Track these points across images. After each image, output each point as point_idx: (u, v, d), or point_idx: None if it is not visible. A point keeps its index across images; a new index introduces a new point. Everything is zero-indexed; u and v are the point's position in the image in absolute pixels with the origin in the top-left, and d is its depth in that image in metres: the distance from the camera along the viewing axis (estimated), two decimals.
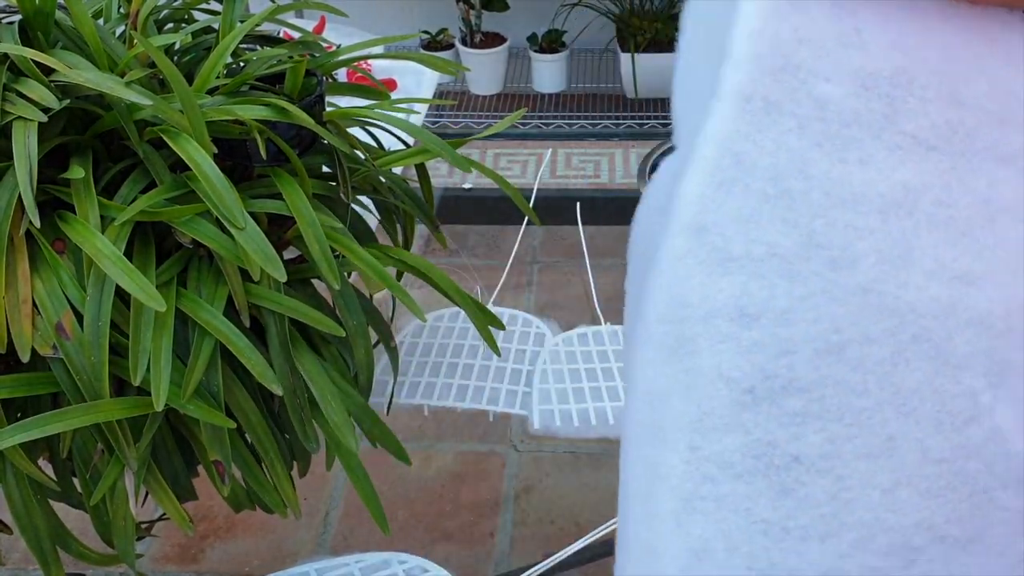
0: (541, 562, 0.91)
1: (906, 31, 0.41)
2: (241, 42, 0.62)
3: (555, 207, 1.69)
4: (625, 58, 2.08)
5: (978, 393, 0.40)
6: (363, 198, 0.66)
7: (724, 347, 0.39)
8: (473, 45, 2.20)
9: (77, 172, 0.50)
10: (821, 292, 0.39)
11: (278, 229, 0.58)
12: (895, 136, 0.41)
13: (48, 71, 0.51)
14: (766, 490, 0.40)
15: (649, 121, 2.07)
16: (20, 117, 0.48)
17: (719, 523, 0.40)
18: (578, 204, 1.40)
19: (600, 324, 0.94)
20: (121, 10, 0.62)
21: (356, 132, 0.67)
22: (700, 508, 0.40)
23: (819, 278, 0.39)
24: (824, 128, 0.40)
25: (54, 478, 0.55)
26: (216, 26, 0.65)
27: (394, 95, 0.79)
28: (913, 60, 0.41)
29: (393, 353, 0.66)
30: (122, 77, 0.52)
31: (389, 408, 0.76)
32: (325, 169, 0.63)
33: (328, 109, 0.61)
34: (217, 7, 0.64)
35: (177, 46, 0.64)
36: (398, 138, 0.69)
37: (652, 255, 0.44)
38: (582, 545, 0.89)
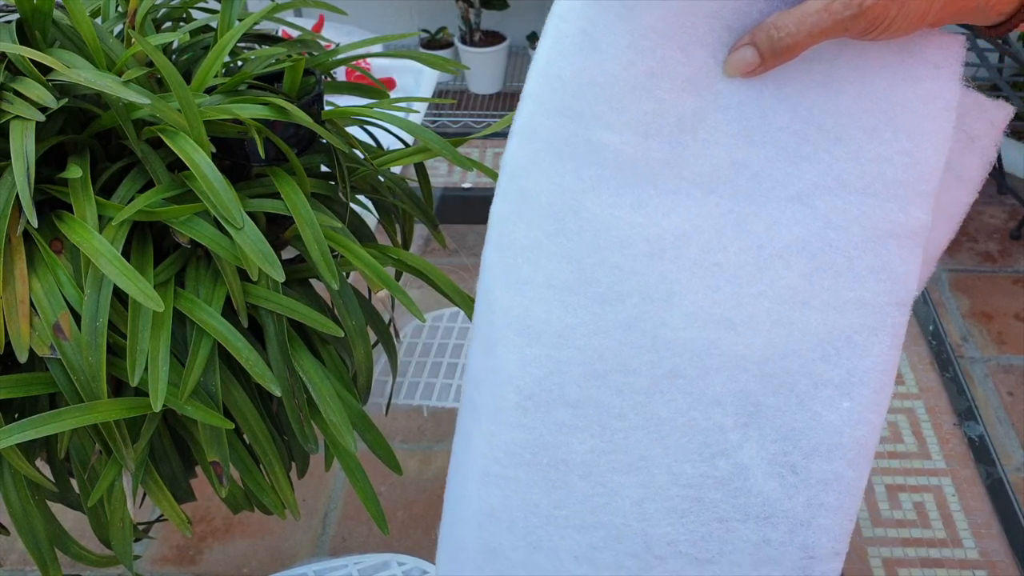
0: None
1: (706, 67, 0.42)
2: (239, 41, 0.62)
3: None
4: None
5: (727, 430, 0.43)
6: (362, 197, 0.66)
7: (513, 357, 0.43)
8: (472, 44, 2.19)
9: (75, 171, 0.50)
10: (590, 324, 0.43)
11: (277, 229, 0.57)
12: (673, 181, 0.42)
13: (46, 70, 0.51)
14: (540, 481, 0.44)
15: None
16: (18, 116, 0.48)
17: (505, 498, 0.45)
18: None
19: None
20: (119, 9, 0.62)
21: (355, 131, 0.67)
22: (493, 483, 0.45)
23: (587, 311, 0.43)
24: (599, 173, 0.42)
25: (52, 479, 0.55)
26: (214, 25, 0.64)
27: (393, 94, 0.79)
28: (705, 99, 0.42)
29: (392, 353, 0.66)
30: (120, 76, 0.51)
31: (388, 409, 0.76)
32: (324, 168, 0.63)
33: (327, 108, 0.61)
34: (215, 6, 0.64)
35: (175, 45, 0.64)
36: (397, 137, 0.68)
37: None
38: None
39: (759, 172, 0.42)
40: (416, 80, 1.31)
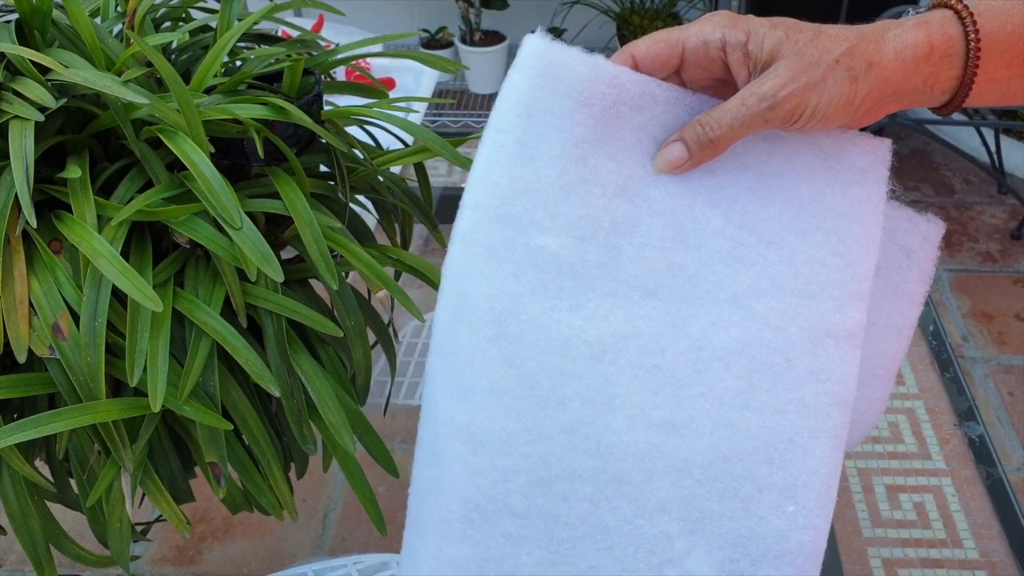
0: None
1: (637, 175, 0.42)
2: (239, 41, 0.62)
3: None
4: None
5: (674, 538, 0.43)
6: (361, 198, 0.66)
7: (458, 467, 0.43)
8: (473, 43, 2.19)
9: (74, 172, 0.50)
10: (533, 429, 0.42)
11: (276, 229, 0.57)
12: (611, 284, 0.43)
13: (45, 70, 0.51)
14: None
15: None
16: (17, 116, 0.48)
17: None
18: None
19: None
20: (118, 9, 0.62)
21: (354, 131, 0.67)
22: None
23: (531, 416, 0.42)
24: (539, 276, 0.42)
25: (51, 479, 0.55)
26: (214, 24, 0.64)
27: (393, 94, 0.79)
28: (638, 205, 0.43)
29: (391, 354, 0.66)
30: (119, 76, 0.51)
31: (387, 409, 0.76)
32: (323, 168, 0.63)
33: (326, 108, 0.61)
34: (215, 5, 0.64)
35: (174, 45, 0.64)
36: (397, 137, 0.68)
37: None
38: None
39: (695, 275, 0.43)
40: (416, 80, 1.31)
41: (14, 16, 0.55)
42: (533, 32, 0.44)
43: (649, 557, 0.43)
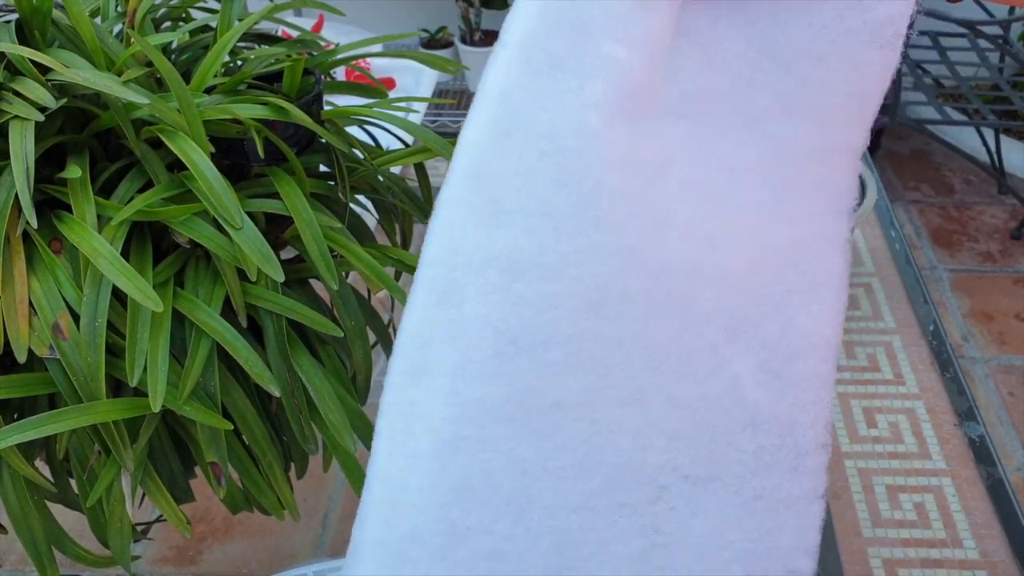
0: None
1: None
2: (239, 40, 0.62)
3: None
4: None
5: (719, 347, 0.44)
6: (361, 198, 0.66)
7: (494, 298, 0.40)
8: (473, 43, 2.19)
9: (74, 172, 0.50)
10: (586, 251, 0.40)
11: (276, 229, 0.57)
12: (651, 106, 0.42)
13: (45, 70, 0.51)
14: (528, 434, 0.41)
15: None
16: (17, 116, 0.48)
17: (483, 463, 0.41)
18: None
19: None
20: (119, 8, 0.62)
21: (354, 131, 0.67)
22: (463, 448, 0.41)
23: (584, 237, 0.40)
24: (604, 88, 0.39)
25: (51, 479, 0.55)
26: (214, 24, 0.64)
27: (393, 94, 0.79)
28: (681, 22, 0.42)
29: (391, 354, 0.66)
30: (119, 76, 0.51)
31: None
32: (323, 168, 0.63)
33: (326, 108, 0.61)
34: (215, 5, 0.64)
35: (175, 44, 0.64)
36: (397, 137, 0.68)
37: None
38: None
39: (720, 97, 0.43)
40: (416, 80, 1.32)
41: (14, 16, 0.55)
42: None
43: (697, 368, 0.43)
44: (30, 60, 0.50)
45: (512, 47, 0.40)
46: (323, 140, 0.59)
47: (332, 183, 0.61)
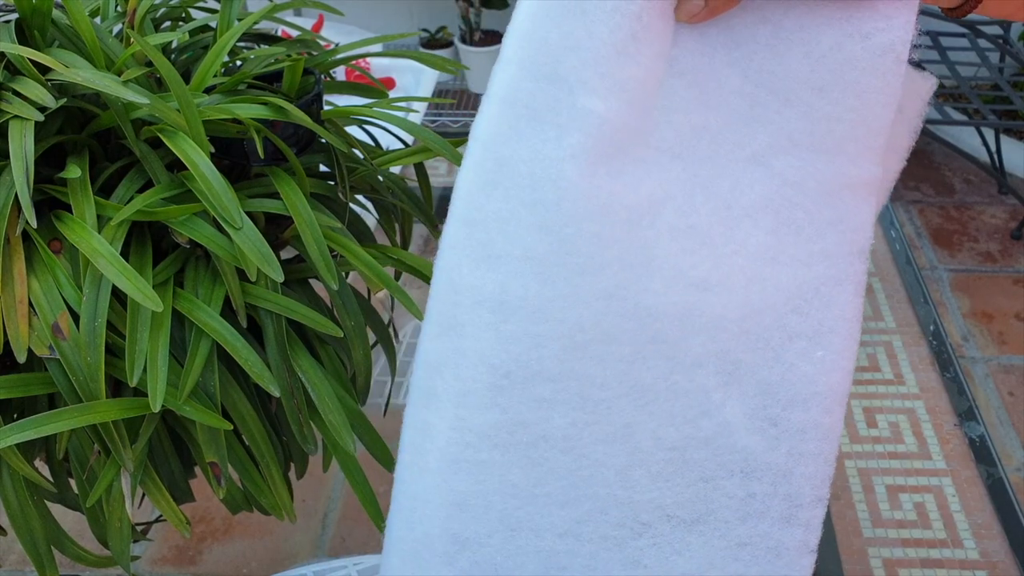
0: None
1: (676, 28, 0.42)
2: (239, 40, 0.62)
3: None
4: None
5: (710, 391, 0.44)
6: (361, 197, 0.66)
7: (486, 335, 0.42)
8: (472, 43, 2.19)
9: (74, 171, 0.50)
10: (568, 294, 0.42)
11: (276, 229, 0.57)
12: (641, 149, 0.42)
13: (45, 70, 0.51)
14: (519, 460, 0.43)
15: None
16: (17, 116, 0.48)
17: (478, 483, 0.44)
18: None
19: None
20: (118, 8, 0.62)
21: (354, 131, 0.67)
22: (464, 469, 0.43)
23: (567, 283, 0.42)
24: (581, 140, 0.41)
25: (51, 479, 0.55)
26: (213, 24, 0.64)
27: (393, 93, 0.79)
28: (670, 64, 0.42)
29: (391, 354, 0.66)
30: (119, 76, 0.51)
31: (387, 409, 0.76)
32: (323, 168, 0.63)
33: (326, 108, 0.61)
34: (215, 5, 0.64)
35: (174, 44, 0.64)
36: (397, 137, 0.68)
37: None
38: None
39: (717, 135, 0.43)
40: (416, 80, 1.32)
41: (14, 16, 0.55)
42: None
43: (686, 411, 0.44)
44: (30, 60, 0.50)
45: (496, 99, 0.42)
46: (323, 140, 0.59)
47: (332, 183, 0.61)
